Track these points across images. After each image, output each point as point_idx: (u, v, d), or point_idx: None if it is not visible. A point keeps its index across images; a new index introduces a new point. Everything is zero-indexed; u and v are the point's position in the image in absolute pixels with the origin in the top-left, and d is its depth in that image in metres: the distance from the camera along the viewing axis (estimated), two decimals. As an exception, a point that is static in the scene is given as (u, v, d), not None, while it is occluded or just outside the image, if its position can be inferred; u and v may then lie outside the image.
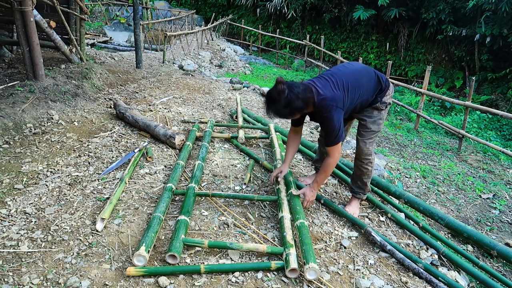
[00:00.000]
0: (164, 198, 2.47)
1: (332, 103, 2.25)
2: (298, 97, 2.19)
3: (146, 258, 1.96)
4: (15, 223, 2.26)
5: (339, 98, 2.28)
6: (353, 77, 2.38)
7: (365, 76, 2.43)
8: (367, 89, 2.42)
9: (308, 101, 2.25)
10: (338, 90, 2.29)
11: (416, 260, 2.30)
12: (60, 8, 5.04)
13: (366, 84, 2.41)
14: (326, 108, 2.25)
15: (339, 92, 2.29)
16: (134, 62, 7.48)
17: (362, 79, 2.41)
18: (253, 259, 2.12)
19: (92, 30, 14.23)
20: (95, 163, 3.10)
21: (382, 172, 3.90)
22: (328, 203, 2.76)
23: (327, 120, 2.28)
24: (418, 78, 13.84)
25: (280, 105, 2.20)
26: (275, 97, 2.20)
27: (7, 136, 3.38)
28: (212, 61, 12.27)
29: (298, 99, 2.19)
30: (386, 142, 6.54)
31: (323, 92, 2.26)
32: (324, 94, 2.26)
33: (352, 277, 2.09)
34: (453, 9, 12.38)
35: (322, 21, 16.59)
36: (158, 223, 2.22)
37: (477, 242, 2.78)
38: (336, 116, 2.25)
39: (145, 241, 2.02)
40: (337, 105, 2.25)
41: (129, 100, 4.97)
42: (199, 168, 2.94)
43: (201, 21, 19.97)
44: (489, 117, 9.49)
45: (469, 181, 4.93)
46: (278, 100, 2.19)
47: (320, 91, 2.27)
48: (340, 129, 2.28)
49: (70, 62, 5.40)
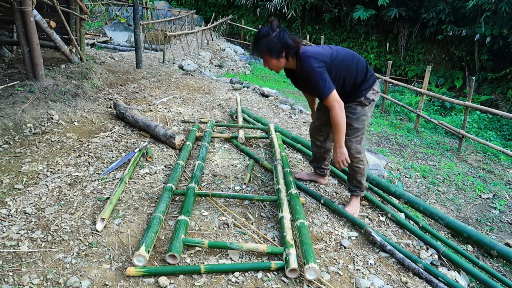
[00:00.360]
0: (164, 198, 2.47)
1: (314, 55, 2.26)
2: (289, 37, 2.24)
3: (146, 258, 1.96)
4: (15, 223, 2.26)
5: (325, 55, 2.29)
6: (344, 52, 2.42)
7: (356, 57, 2.45)
8: (354, 70, 2.41)
9: (296, 44, 2.26)
10: (325, 51, 2.34)
11: (416, 260, 2.30)
12: (60, 8, 5.04)
13: (355, 64, 2.41)
14: (308, 60, 2.25)
15: (326, 52, 2.32)
16: (134, 62, 7.48)
17: (353, 58, 2.42)
18: (253, 259, 2.12)
19: (92, 30, 14.23)
20: (95, 163, 3.10)
21: (382, 172, 3.90)
22: (328, 203, 2.76)
23: (310, 73, 2.25)
24: (418, 78, 13.85)
25: (271, 39, 2.22)
26: (267, 31, 2.23)
27: (7, 136, 3.38)
28: (212, 61, 12.27)
29: (289, 39, 2.24)
30: (386, 142, 6.54)
31: (308, 47, 2.33)
32: (307, 48, 2.32)
33: (352, 277, 2.09)
34: (453, 9, 12.39)
35: (322, 21, 16.60)
36: (158, 223, 2.22)
37: (477, 242, 2.78)
38: (318, 67, 2.24)
39: (145, 241, 2.02)
40: (319, 58, 2.26)
41: (129, 100, 4.97)
42: (199, 168, 2.94)
43: (201, 21, 19.96)
44: (489, 117, 9.49)
45: (469, 181, 4.93)
46: (269, 34, 2.22)
47: (306, 47, 2.34)
48: (327, 80, 2.24)
49: (70, 62, 5.40)
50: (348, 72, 2.40)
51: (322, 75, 2.24)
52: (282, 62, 2.33)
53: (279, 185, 2.73)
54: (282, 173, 2.93)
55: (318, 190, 3.02)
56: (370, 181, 3.27)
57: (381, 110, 9.62)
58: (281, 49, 2.25)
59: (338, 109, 2.27)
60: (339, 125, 2.31)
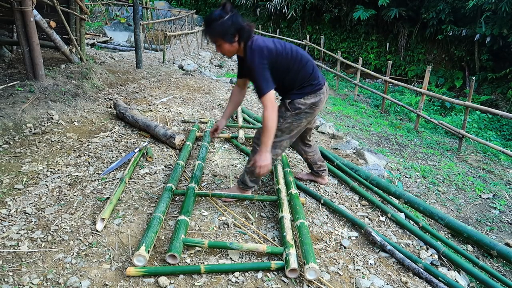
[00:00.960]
0: (164, 198, 2.47)
1: (261, 50, 2.19)
2: (243, 21, 2.19)
3: (146, 258, 1.96)
4: (15, 223, 2.26)
5: (272, 51, 2.23)
6: (293, 53, 2.33)
7: (303, 61, 2.35)
8: (295, 73, 2.34)
9: (250, 28, 2.21)
10: (273, 46, 2.26)
11: (416, 260, 2.30)
12: (60, 8, 5.04)
13: (298, 67, 2.34)
14: (254, 52, 2.19)
15: (273, 48, 2.24)
16: (134, 62, 7.49)
17: (300, 61, 2.34)
18: (253, 259, 2.12)
19: (92, 30, 14.23)
20: (95, 163, 3.10)
21: (382, 172, 3.90)
22: (328, 203, 2.76)
23: (253, 67, 2.20)
24: (418, 78, 13.85)
25: (224, 22, 2.14)
26: (219, 13, 2.16)
27: (7, 136, 3.38)
28: (212, 61, 12.27)
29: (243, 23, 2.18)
30: (386, 142, 6.54)
31: (259, 38, 2.25)
32: (257, 39, 2.23)
33: (352, 277, 2.09)
34: (453, 9, 12.39)
35: (322, 21, 16.60)
36: (158, 223, 2.22)
37: (477, 242, 2.78)
38: (261, 64, 2.18)
39: (145, 241, 2.02)
40: (265, 53, 2.20)
41: (129, 100, 4.97)
42: (199, 168, 2.94)
43: (201, 21, 19.95)
44: (489, 117, 9.49)
45: (469, 181, 4.93)
46: (222, 17, 2.14)
47: (258, 37, 2.26)
48: (267, 78, 2.19)
49: (70, 62, 5.40)
50: (289, 73, 2.34)
51: (263, 72, 2.19)
52: (235, 47, 2.25)
53: (279, 185, 2.73)
54: (282, 173, 2.93)
55: (318, 190, 3.02)
56: (370, 181, 3.28)
57: (381, 110, 9.62)
58: (234, 33, 2.18)
59: (270, 110, 2.19)
60: (268, 127, 2.21)
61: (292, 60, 2.33)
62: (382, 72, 13.94)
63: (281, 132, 2.46)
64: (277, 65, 2.28)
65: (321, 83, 2.44)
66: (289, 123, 2.44)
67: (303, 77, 2.38)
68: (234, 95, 2.68)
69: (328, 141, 4.60)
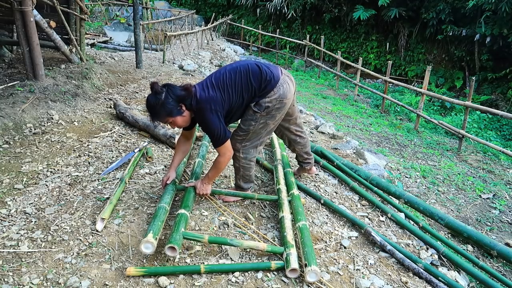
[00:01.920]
0: (168, 191, 2.47)
1: (206, 106, 2.20)
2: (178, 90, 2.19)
3: (154, 245, 1.95)
4: (15, 223, 2.26)
5: (215, 99, 2.22)
6: (236, 74, 2.31)
7: (247, 72, 2.31)
8: (249, 85, 2.31)
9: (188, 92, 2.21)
10: (214, 91, 2.24)
11: (416, 260, 2.30)
12: (60, 8, 5.04)
13: (248, 80, 2.30)
14: (202, 110, 2.22)
15: (215, 93, 2.23)
16: (134, 62, 7.48)
17: (245, 75, 2.31)
18: (253, 259, 2.12)
19: (92, 30, 14.23)
20: (95, 163, 3.10)
21: (382, 172, 3.90)
22: (328, 203, 2.76)
23: (205, 122, 2.24)
24: (418, 78, 13.85)
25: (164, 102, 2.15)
26: (154, 97, 2.16)
27: (7, 136, 3.38)
28: (212, 61, 12.27)
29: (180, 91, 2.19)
30: (386, 142, 6.54)
31: (199, 95, 2.22)
32: (200, 96, 2.21)
33: (352, 277, 2.09)
34: (453, 9, 12.39)
35: (322, 21, 16.60)
36: (164, 213, 2.22)
37: (477, 242, 2.78)
38: (213, 118, 2.21)
39: (152, 228, 2.02)
40: (212, 107, 2.21)
41: (129, 100, 4.97)
42: (199, 165, 2.94)
43: (201, 21, 19.97)
44: (489, 117, 9.49)
45: (469, 181, 4.93)
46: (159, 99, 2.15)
47: (197, 94, 2.23)
48: (221, 129, 2.23)
49: (70, 62, 5.40)
50: (245, 89, 2.32)
51: (217, 122, 2.22)
52: (187, 114, 2.27)
53: (279, 185, 2.73)
54: (282, 173, 2.93)
55: (318, 190, 3.02)
56: (370, 181, 3.28)
57: (381, 110, 9.62)
58: (178, 105, 2.20)
59: (227, 157, 2.34)
60: (219, 169, 2.38)
61: (238, 80, 2.30)
62: (382, 72, 13.94)
63: (256, 134, 2.46)
64: (229, 99, 2.28)
65: (276, 76, 2.35)
66: (263, 123, 2.41)
67: (257, 82, 2.32)
68: (181, 145, 2.61)
69: (328, 141, 4.60)
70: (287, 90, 2.38)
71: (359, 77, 11.04)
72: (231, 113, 2.37)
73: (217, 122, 2.22)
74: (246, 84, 2.31)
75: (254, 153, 2.55)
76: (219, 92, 2.26)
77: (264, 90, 2.33)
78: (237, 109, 2.37)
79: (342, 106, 9.41)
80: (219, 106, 2.24)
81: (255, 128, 2.42)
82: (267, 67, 2.38)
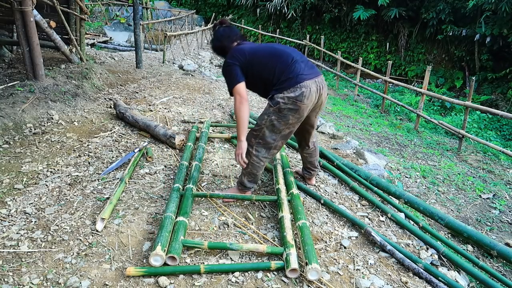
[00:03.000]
0: (173, 198, 2.46)
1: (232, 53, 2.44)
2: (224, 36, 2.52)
3: (163, 257, 1.94)
4: (15, 223, 2.26)
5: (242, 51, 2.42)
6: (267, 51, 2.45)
7: (278, 58, 2.40)
8: (272, 69, 2.38)
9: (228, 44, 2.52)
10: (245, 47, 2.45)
11: (416, 260, 2.30)
12: (60, 8, 5.04)
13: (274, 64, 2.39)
14: (226, 57, 2.46)
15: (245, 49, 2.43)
16: (134, 62, 7.48)
17: (275, 57, 2.40)
18: (253, 259, 2.12)
19: (92, 30, 14.23)
20: (95, 163, 3.10)
21: (382, 172, 3.90)
22: (328, 203, 2.76)
23: (223, 68, 2.46)
24: (418, 78, 13.84)
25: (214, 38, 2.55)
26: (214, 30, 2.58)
27: (7, 136, 3.38)
28: (212, 61, 12.26)
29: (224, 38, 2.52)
30: (386, 142, 6.54)
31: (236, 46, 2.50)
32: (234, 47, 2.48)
33: (352, 277, 2.09)
34: (453, 9, 12.38)
35: (322, 21, 16.59)
36: (171, 222, 2.21)
37: (477, 242, 2.78)
38: (229, 63, 2.40)
39: (160, 240, 2.01)
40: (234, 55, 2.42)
41: (129, 100, 4.97)
42: (196, 169, 2.93)
43: (201, 21, 19.98)
44: (489, 117, 9.49)
45: (469, 181, 4.93)
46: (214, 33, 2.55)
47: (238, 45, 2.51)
48: (235, 74, 2.37)
49: (70, 62, 5.40)
50: (265, 70, 2.40)
51: (229, 69, 2.39)
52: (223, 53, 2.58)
53: (279, 185, 2.73)
54: (281, 173, 2.93)
55: (318, 190, 3.02)
56: (370, 181, 3.28)
57: (381, 110, 9.62)
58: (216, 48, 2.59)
59: (238, 102, 2.35)
60: (238, 118, 2.37)
61: (267, 55, 2.42)
62: (382, 72, 13.94)
63: (269, 132, 2.44)
64: (251, 64, 2.40)
65: (301, 76, 2.34)
66: (274, 120, 2.39)
67: (280, 71, 2.36)
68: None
69: (328, 141, 4.60)
70: (306, 95, 2.33)
71: (359, 77, 11.04)
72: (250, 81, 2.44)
73: (232, 67, 2.38)
74: (271, 66, 2.39)
75: (266, 154, 2.53)
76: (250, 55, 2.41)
77: (282, 84, 2.35)
78: (254, 82, 2.46)
79: (342, 106, 9.41)
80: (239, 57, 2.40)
81: (267, 124, 2.42)
82: (300, 65, 2.39)
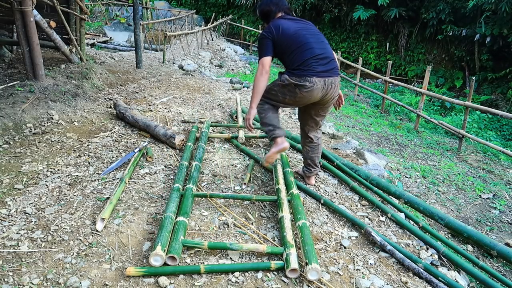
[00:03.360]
0: (173, 199, 2.46)
1: (269, 26, 2.58)
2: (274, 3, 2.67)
3: (163, 257, 1.95)
4: (15, 223, 2.26)
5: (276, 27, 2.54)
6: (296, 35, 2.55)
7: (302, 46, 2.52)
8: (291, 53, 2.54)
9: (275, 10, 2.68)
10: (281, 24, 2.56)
11: (416, 260, 2.30)
12: (60, 8, 5.04)
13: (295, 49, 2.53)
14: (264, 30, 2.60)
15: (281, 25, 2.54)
16: (134, 62, 7.49)
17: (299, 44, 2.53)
18: (253, 259, 2.12)
19: (92, 30, 14.23)
20: (95, 163, 3.10)
21: (382, 172, 3.90)
22: (328, 203, 2.76)
23: (259, 39, 2.61)
24: (418, 78, 13.85)
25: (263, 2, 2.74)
26: None
27: (7, 136, 3.38)
28: (212, 61, 12.26)
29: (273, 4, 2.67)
30: (386, 142, 6.54)
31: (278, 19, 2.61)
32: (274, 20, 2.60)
33: (352, 277, 2.09)
34: (453, 9, 12.39)
35: (322, 21, 16.59)
36: (171, 222, 2.21)
37: (477, 242, 2.78)
38: (263, 35, 2.56)
39: (160, 240, 2.01)
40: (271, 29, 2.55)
41: (129, 100, 4.97)
42: (196, 169, 2.93)
43: (201, 21, 19.98)
44: (489, 117, 9.49)
45: (469, 181, 4.93)
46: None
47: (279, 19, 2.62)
48: (265, 47, 2.55)
49: (70, 62, 5.40)
50: (285, 54, 2.57)
51: (262, 41, 2.57)
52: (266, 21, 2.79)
53: (279, 185, 2.73)
54: (281, 173, 2.93)
55: (318, 190, 3.02)
56: (370, 181, 3.28)
57: (381, 110, 9.62)
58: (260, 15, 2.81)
59: (259, 72, 2.57)
60: (254, 86, 2.61)
61: (292, 42, 2.54)
62: (382, 72, 13.94)
63: (269, 93, 2.69)
64: (279, 42, 2.55)
65: (310, 72, 2.49)
66: (276, 90, 2.66)
67: (296, 59, 2.52)
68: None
69: (328, 141, 4.60)
70: (307, 88, 2.51)
71: (359, 77, 11.04)
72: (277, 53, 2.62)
73: (263, 40, 2.55)
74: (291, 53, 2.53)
75: (267, 107, 2.73)
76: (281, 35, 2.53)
77: (293, 71, 2.53)
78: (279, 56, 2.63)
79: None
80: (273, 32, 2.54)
81: (270, 86, 2.68)
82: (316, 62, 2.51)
